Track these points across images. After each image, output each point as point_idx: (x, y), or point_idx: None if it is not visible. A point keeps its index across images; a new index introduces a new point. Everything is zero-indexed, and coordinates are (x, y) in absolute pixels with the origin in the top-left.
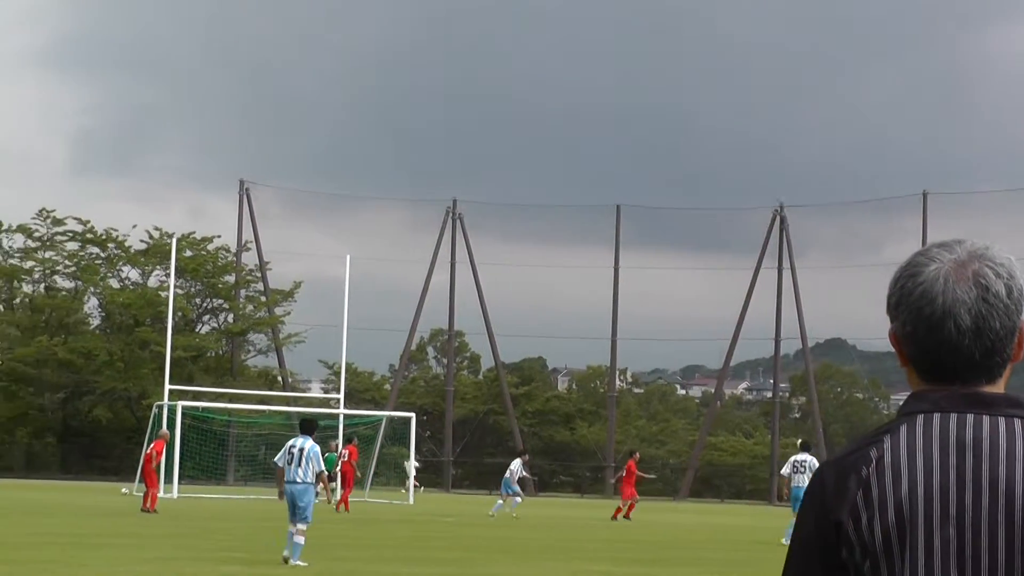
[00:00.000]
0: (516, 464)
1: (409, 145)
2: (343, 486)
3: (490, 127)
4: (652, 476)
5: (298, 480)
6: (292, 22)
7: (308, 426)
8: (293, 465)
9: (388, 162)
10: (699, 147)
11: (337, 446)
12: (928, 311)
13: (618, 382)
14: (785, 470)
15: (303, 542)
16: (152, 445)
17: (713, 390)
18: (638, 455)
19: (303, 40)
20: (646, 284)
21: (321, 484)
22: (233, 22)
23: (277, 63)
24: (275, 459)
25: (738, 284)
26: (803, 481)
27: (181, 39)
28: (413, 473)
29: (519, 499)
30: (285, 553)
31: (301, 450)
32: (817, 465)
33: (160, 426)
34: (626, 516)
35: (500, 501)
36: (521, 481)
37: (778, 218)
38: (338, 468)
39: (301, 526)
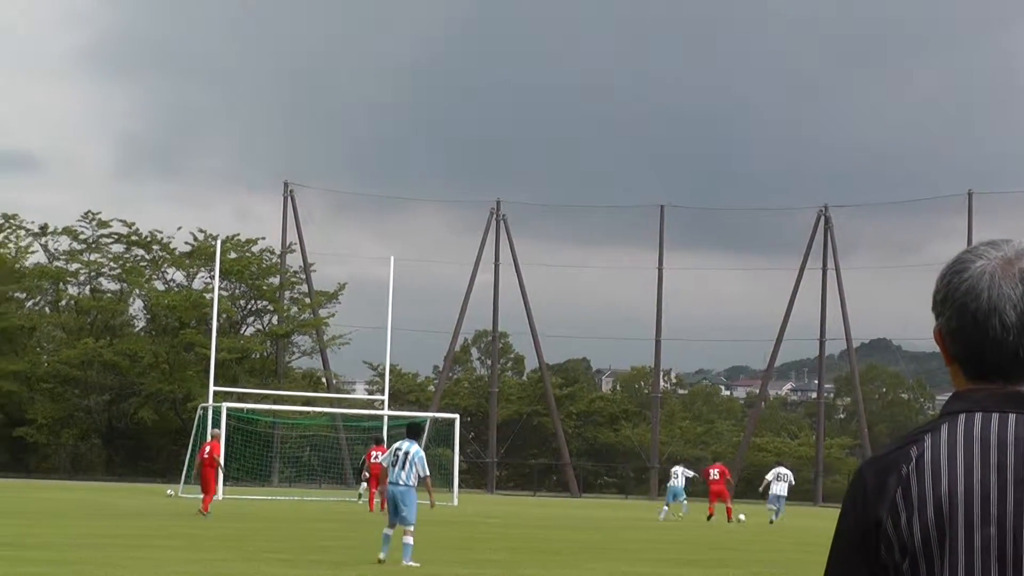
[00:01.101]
0: (679, 470)
1: (453, 146)
2: (372, 486)
3: (533, 127)
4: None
5: (400, 482)
6: (335, 24)
7: (415, 430)
8: (397, 467)
9: (432, 163)
10: (744, 147)
11: (382, 449)
12: (973, 307)
13: (662, 383)
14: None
15: (412, 542)
16: (209, 448)
17: (758, 391)
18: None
19: (347, 42)
20: (690, 284)
21: (425, 488)
22: (277, 24)
23: (321, 65)
24: (381, 460)
25: (783, 284)
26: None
27: (226, 41)
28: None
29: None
30: (381, 555)
31: (406, 453)
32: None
33: (205, 428)
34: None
35: (674, 505)
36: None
37: (823, 218)
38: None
39: (408, 528)
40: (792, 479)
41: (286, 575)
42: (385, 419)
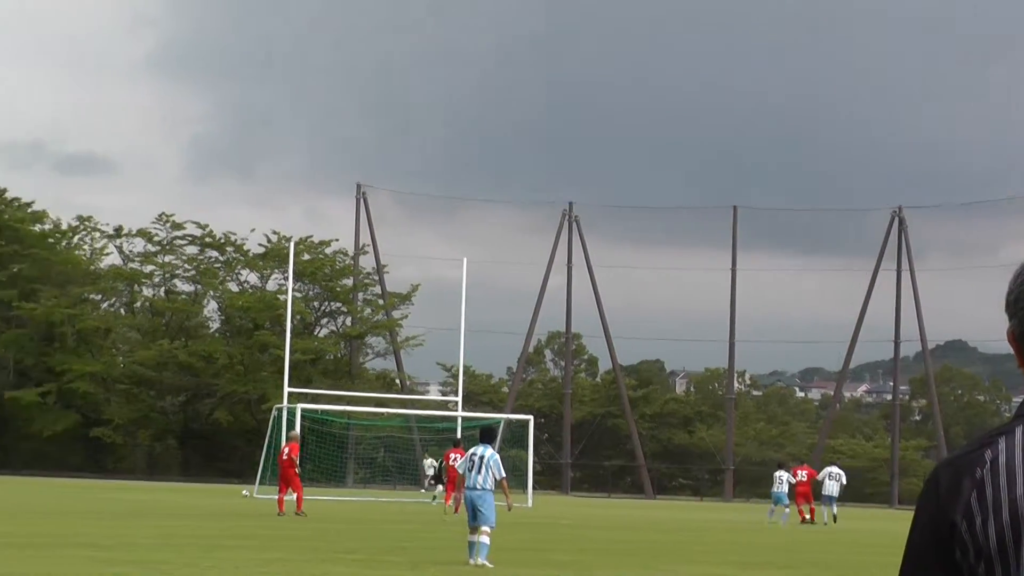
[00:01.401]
0: (782, 475)
1: (525, 147)
2: (449, 489)
3: (605, 128)
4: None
5: (478, 487)
6: (407, 25)
7: (489, 434)
8: (474, 472)
9: (504, 165)
10: (817, 147)
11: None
12: None
13: (736, 384)
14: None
15: (488, 542)
16: (288, 449)
17: (832, 392)
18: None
19: (418, 43)
20: (764, 286)
21: (501, 490)
22: (348, 26)
23: (392, 66)
24: (457, 467)
25: (857, 286)
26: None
27: (297, 44)
28: (431, 472)
29: (787, 509)
30: (471, 562)
31: (482, 457)
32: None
33: (279, 429)
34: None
35: (778, 509)
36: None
37: (896, 219)
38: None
39: (485, 528)
40: (844, 479)
41: (360, 575)
42: (459, 420)
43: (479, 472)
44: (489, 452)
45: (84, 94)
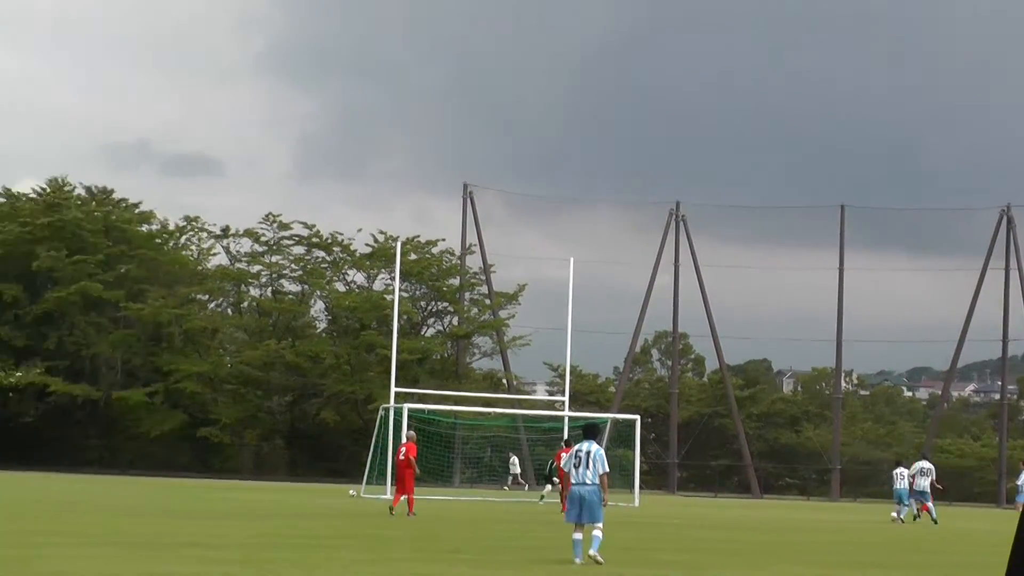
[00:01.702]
0: (902, 472)
1: (631, 146)
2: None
3: (711, 127)
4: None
5: (588, 482)
6: (513, 24)
7: (592, 430)
8: (581, 468)
9: (610, 164)
10: (924, 145)
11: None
12: None
13: (844, 384)
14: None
15: (601, 536)
16: (405, 449)
17: (940, 392)
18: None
19: (524, 42)
20: (871, 285)
21: (601, 485)
22: (453, 24)
23: (498, 65)
24: (562, 464)
25: (965, 285)
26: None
27: (402, 43)
28: (516, 470)
29: (906, 506)
30: (577, 560)
31: (588, 453)
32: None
33: (386, 428)
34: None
35: (908, 506)
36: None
37: (1005, 218)
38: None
39: (597, 524)
40: (934, 474)
41: (469, 575)
42: (566, 420)
43: (587, 467)
44: (595, 448)
45: (190, 94)
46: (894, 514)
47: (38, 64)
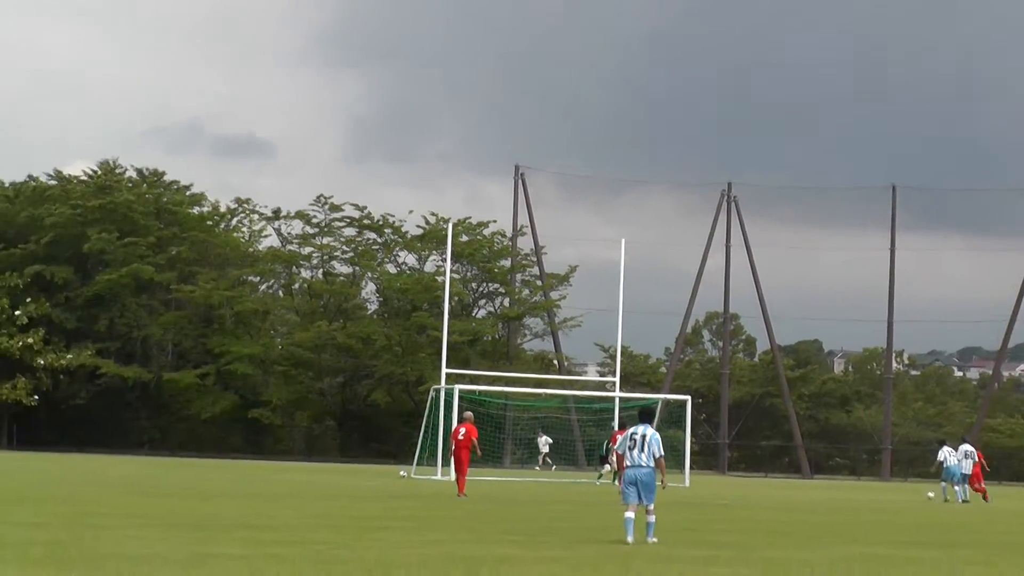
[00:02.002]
0: (949, 450)
1: (683, 127)
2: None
3: (763, 108)
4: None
5: (644, 464)
6: (564, 4)
7: (648, 414)
8: (637, 450)
9: (662, 146)
10: (976, 125)
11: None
12: None
13: (895, 364)
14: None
15: (654, 520)
16: (464, 430)
17: (991, 372)
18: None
19: (576, 22)
20: (922, 265)
21: (658, 468)
22: (506, 6)
23: (549, 46)
24: (616, 447)
25: (1016, 265)
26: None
27: (453, 24)
28: (545, 449)
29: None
30: (628, 539)
31: (644, 436)
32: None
33: (437, 410)
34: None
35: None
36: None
37: None
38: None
39: (651, 507)
40: (976, 457)
41: (521, 556)
42: (616, 401)
43: (642, 450)
44: (651, 431)
45: (242, 76)
46: (930, 495)
47: (90, 47)
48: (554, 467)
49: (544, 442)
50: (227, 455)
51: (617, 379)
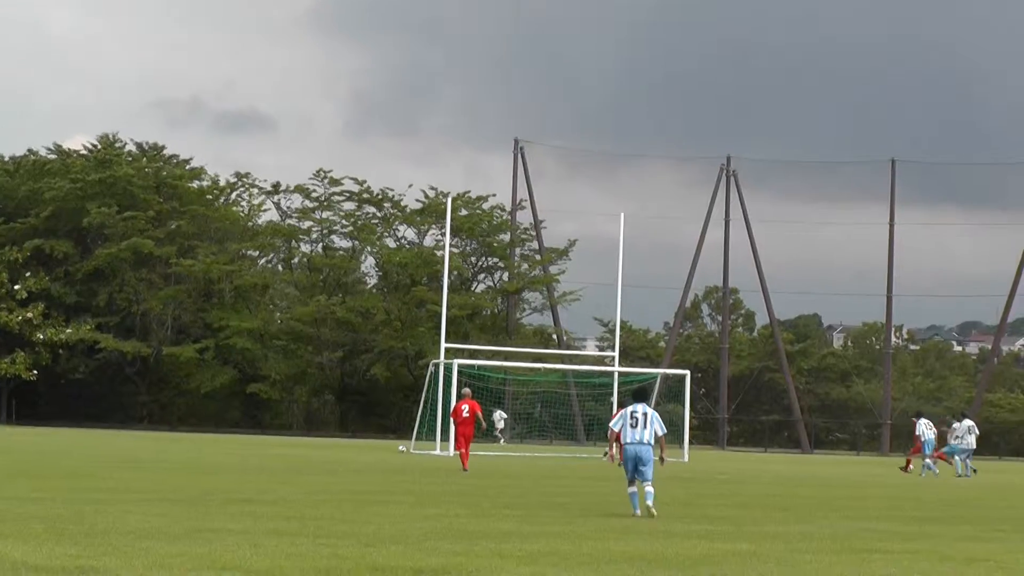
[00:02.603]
0: (956, 425)
1: (683, 101)
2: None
3: (763, 82)
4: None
5: (645, 441)
6: None
7: (643, 393)
8: (639, 428)
9: (663, 119)
10: (975, 100)
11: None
12: None
13: (894, 339)
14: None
15: (654, 490)
16: (468, 406)
17: (990, 347)
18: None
19: None
20: (922, 240)
21: (658, 444)
22: None
23: (553, 21)
24: (611, 424)
25: (1016, 239)
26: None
27: None
28: (500, 424)
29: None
30: (637, 512)
31: (644, 414)
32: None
33: (436, 384)
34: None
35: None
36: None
37: None
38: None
39: (649, 480)
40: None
41: (519, 530)
42: (615, 376)
43: (644, 428)
44: (651, 410)
45: (242, 51)
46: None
47: (90, 21)
48: (501, 440)
49: (499, 417)
50: (226, 430)
51: (616, 354)
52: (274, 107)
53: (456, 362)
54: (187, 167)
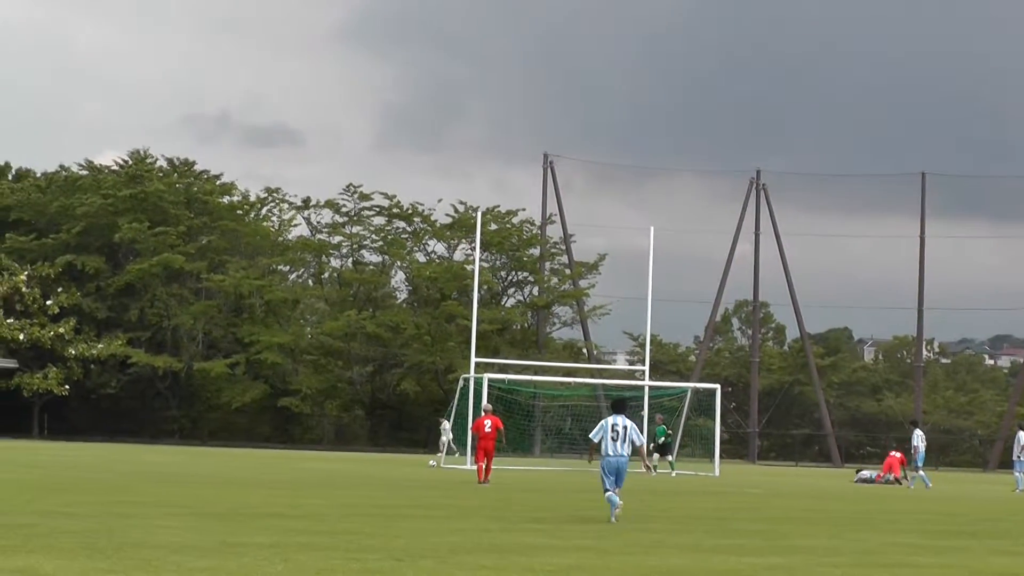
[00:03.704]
0: (919, 435)
1: (713, 114)
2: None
3: (792, 95)
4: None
5: (623, 454)
6: None
7: (621, 405)
8: (619, 442)
9: (691, 133)
10: (1007, 113)
11: (662, 419)
12: None
13: (925, 352)
14: None
15: (622, 501)
16: (491, 422)
17: (1022, 360)
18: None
19: (605, 9)
20: (952, 252)
21: (638, 454)
22: None
23: (580, 34)
24: (591, 435)
25: None
26: None
27: (482, 13)
28: (447, 436)
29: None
30: (617, 512)
31: (625, 428)
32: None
33: (466, 399)
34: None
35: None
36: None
37: None
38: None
39: (618, 489)
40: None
41: (548, 544)
42: (646, 390)
43: (624, 441)
44: (630, 423)
45: (271, 65)
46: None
47: (120, 37)
48: (438, 460)
49: (445, 428)
50: (257, 444)
51: (647, 368)
52: (303, 122)
53: (486, 376)
54: (217, 182)
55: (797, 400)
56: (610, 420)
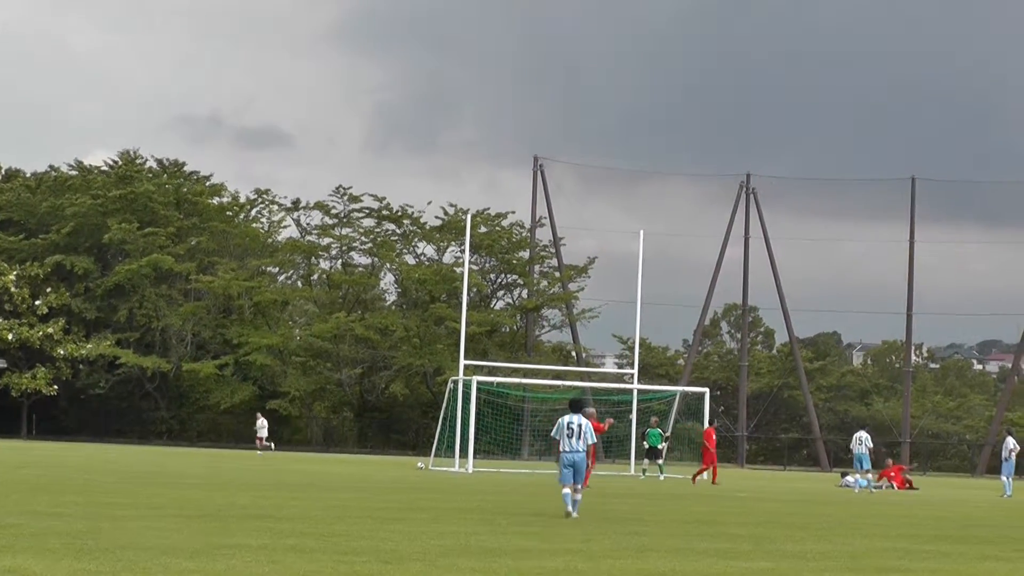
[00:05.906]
0: (862, 435)
1: (702, 120)
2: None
3: (783, 99)
4: None
5: (579, 450)
6: None
7: (579, 404)
8: (574, 439)
9: (682, 137)
10: (996, 118)
11: (657, 422)
12: None
13: (914, 357)
14: None
15: (580, 499)
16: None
17: (1010, 365)
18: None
19: (596, 13)
20: (942, 258)
21: (588, 454)
22: None
23: (568, 35)
24: (552, 433)
25: None
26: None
27: (473, 14)
28: (263, 433)
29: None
30: (570, 510)
31: (580, 426)
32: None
33: (455, 401)
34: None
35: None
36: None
37: None
38: (663, 444)
39: (580, 487)
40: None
41: (537, 548)
42: (635, 393)
43: (579, 439)
44: (585, 421)
45: (262, 66)
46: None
47: (112, 38)
48: (272, 446)
49: (261, 425)
50: (245, 445)
51: (635, 371)
52: (294, 123)
53: (475, 379)
54: (207, 183)
55: (786, 404)
56: (566, 419)
